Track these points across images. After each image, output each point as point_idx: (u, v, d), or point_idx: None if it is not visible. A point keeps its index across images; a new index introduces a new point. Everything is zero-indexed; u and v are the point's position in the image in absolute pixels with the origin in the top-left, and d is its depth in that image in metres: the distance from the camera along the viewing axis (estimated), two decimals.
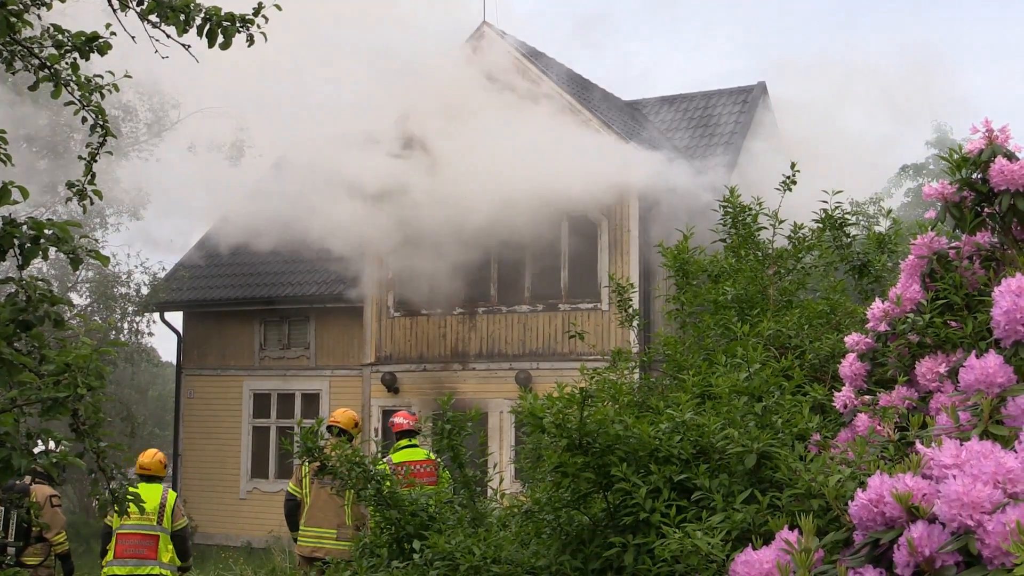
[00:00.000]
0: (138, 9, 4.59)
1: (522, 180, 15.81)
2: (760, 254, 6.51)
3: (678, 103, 23.07)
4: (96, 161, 4.75)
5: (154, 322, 24.07)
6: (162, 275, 23.56)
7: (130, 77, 4.82)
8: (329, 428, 8.99)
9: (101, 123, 4.69)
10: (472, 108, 16.75)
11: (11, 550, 8.41)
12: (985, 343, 3.00)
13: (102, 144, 4.76)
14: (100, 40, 4.62)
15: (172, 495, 8.80)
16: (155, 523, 8.73)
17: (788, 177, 7.23)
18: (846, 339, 3.60)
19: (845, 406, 3.43)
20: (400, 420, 9.40)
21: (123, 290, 22.81)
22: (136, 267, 24.39)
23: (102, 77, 4.63)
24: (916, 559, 2.08)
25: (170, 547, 8.76)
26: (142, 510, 4.28)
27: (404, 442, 9.17)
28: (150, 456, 9.05)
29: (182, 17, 4.56)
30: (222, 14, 4.66)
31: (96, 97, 4.61)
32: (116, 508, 4.07)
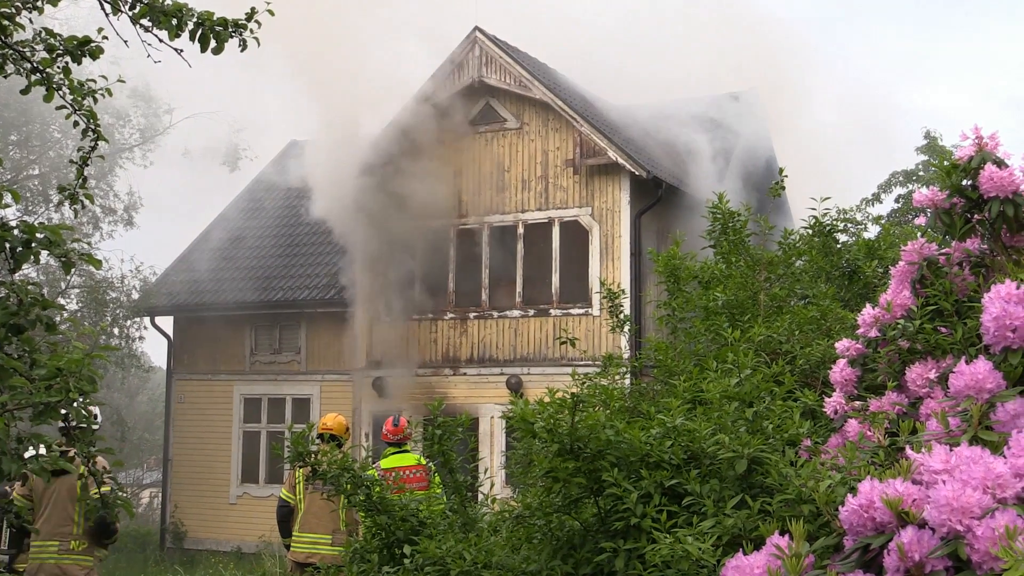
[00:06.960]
0: (130, 13, 4.59)
1: None
2: (750, 260, 6.52)
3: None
4: (88, 165, 4.74)
5: (144, 327, 24.03)
6: (153, 279, 23.51)
7: (123, 82, 4.82)
8: (320, 435, 8.97)
9: (93, 127, 4.68)
10: None
11: (3, 558, 8.35)
12: (975, 349, 3.01)
13: (93, 148, 4.75)
14: (92, 44, 4.61)
15: None
16: None
17: (776, 183, 7.25)
18: (837, 345, 3.61)
19: (836, 412, 3.44)
20: (384, 431, 9.37)
21: (114, 295, 22.74)
22: (129, 272, 24.34)
23: (95, 81, 4.62)
24: (906, 564, 2.09)
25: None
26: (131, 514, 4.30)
27: (392, 448, 9.17)
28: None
29: (174, 22, 4.56)
30: (215, 19, 4.66)
31: (88, 101, 4.61)
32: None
